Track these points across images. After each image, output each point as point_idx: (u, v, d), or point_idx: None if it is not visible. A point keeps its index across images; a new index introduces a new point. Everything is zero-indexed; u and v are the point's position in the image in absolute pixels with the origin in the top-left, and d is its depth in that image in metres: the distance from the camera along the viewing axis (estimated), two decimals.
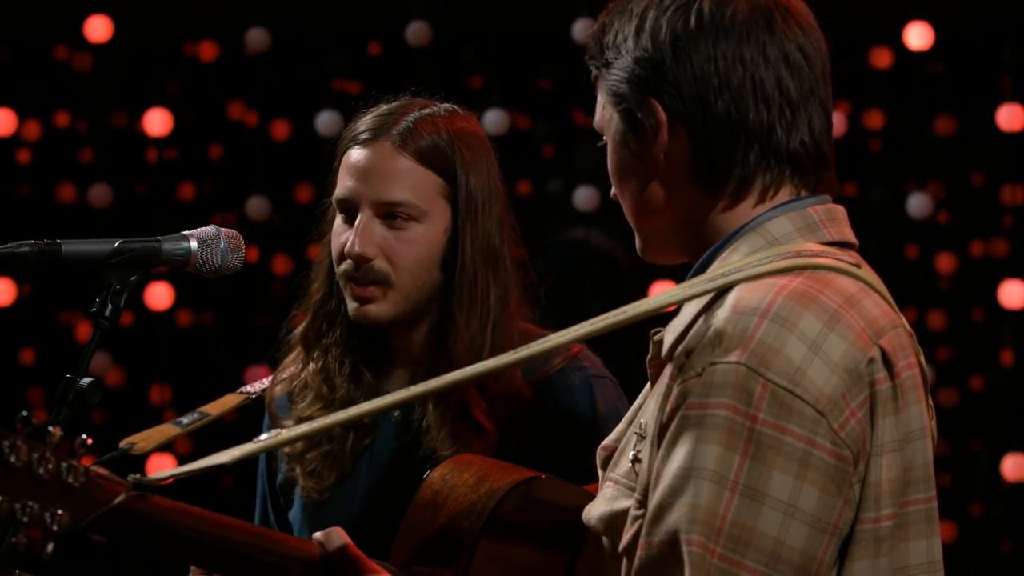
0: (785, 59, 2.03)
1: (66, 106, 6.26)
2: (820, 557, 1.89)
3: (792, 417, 1.88)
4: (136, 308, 5.86)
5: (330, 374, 2.76)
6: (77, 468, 1.94)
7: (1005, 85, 5.74)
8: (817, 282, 1.95)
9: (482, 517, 2.31)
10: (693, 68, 2.02)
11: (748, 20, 2.03)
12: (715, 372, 1.89)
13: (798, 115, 2.03)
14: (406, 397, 2.10)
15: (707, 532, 1.86)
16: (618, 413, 2.69)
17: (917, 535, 1.97)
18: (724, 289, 1.96)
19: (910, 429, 1.96)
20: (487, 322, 2.70)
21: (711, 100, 2.02)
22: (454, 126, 2.74)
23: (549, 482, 2.39)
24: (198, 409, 2.67)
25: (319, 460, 2.74)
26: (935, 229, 5.86)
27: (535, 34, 6.05)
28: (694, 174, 2.04)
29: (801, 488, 1.88)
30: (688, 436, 1.89)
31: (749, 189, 2.03)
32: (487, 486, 2.35)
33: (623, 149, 2.07)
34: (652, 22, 2.04)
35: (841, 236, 2.05)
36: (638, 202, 2.08)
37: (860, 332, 1.93)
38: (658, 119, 2.03)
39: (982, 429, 5.95)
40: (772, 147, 2.03)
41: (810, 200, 2.05)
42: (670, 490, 1.89)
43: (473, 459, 2.44)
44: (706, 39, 2.02)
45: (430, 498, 2.37)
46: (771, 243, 2.01)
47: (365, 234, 2.69)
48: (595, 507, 2.05)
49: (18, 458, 1.88)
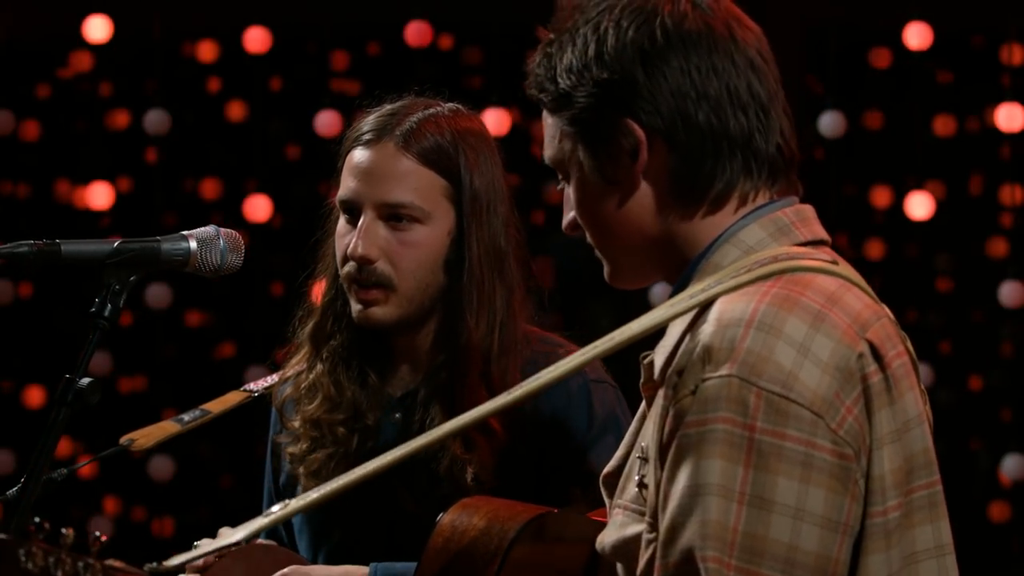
0: (751, 64, 2.03)
1: (66, 106, 6.26)
2: (835, 557, 1.90)
3: (789, 422, 1.88)
4: (136, 308, 5.87)
5: (338, 376, 2.75)
6: (93, 566, 1.94)
7: (1004, 85, 5.74)
8: (797, 284, 1.95)
9: (497, 560, 2.31)
10: (668, 82, 2.01)
11: (710, 30, 2.02)
12: (708, 388, 1.89)
13: (770, 119, 2.04)
14: (433, 439, 2.08)
15: (720, 547, 1.87)
16: (616, 418, 2.69)
17: (922, 520, 1.97)
18: (706, 304, 1.95)
19: (907, 418, 1.97)
20: (495, 323, 2.69)
21: (691, 112, 2.01)
22: (458, 126, 2.73)
23: (559, 516, 2.40)
24: (200, 407, 2.67)
25: (323, 461, 2.73)
26: (935, 229, 5.86)
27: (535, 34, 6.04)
28: (675, 189, 2.02)
29: (807, 491, 1.88)
30: (690, 455, 1.89)
31: (729, 198, 2.03)
32: (498, 528, 2.35)
33: (594, 176, 2.05)
34: (613, 43, 2.01)
35: (813, 235, 2.05)
36: (611, 228, 2.06)
37: (846, 329, 1.94)
38: (637, 138, 2.01)
39: (982, 429, 5.95)
40: (752, 153, 2.03)
41: (778, 204, 2.05)
42: (679, 510, 1.89)
43: (480, 501, 2.44)
44: (675, 53, 2.01)
45: (442, 545, 2.37)
46: (746, 252, 2.01)
47: (368, 236, 2.68)
48: (607, 535, 2.05)
49: (35, 564, 1.88)
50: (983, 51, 5.92)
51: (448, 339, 2.70)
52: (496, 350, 2.67)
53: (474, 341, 2.66)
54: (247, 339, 6.07)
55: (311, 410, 2.74)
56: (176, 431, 2.61)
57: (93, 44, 5.92)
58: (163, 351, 6.10)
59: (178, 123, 5.88)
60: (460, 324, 2.66)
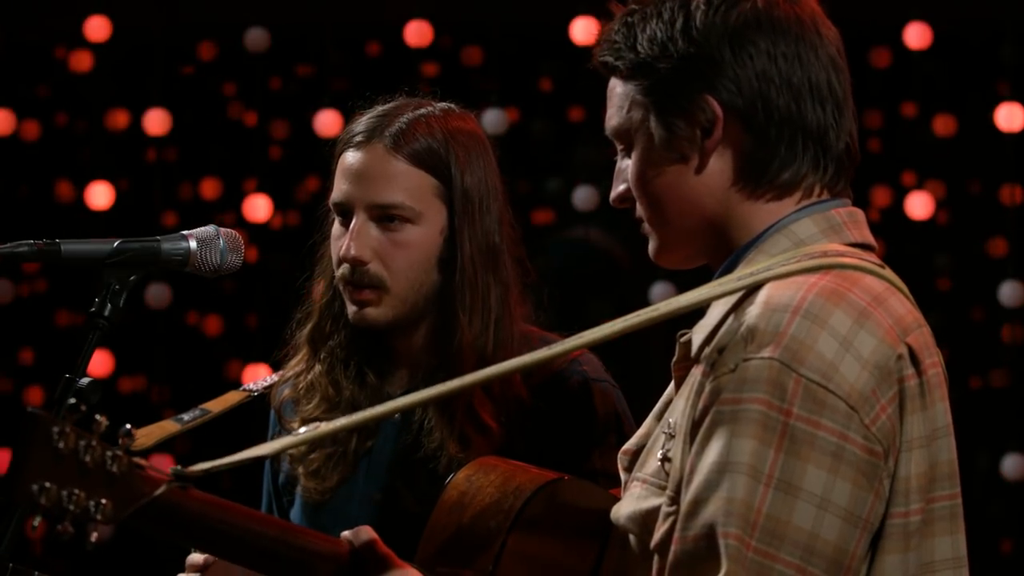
0: (832, 62, 2.06)
1: (66, 106, 6.26)
2: (852, 551, 1.91)
3: (825, 412, 1.90)
4: (136, 308, 5.86)
5: (336, 376, 2.76)
6: (120, 458, 1.94)
7: (1004, 85, 5.74)
8: (846, 280, 1.97)
9: (510, 517, 2.31)
10: (754, 64, 2.02)
11: (799, 21, 2.04)
12: (748, 368, 1.91)
13: (844, 117, 2.06)
14: (418, 400, 2.11)
15: (743, 525, 1.88)
16: (616, 416, 2.70)
17: (943, 531, 1.99)
18: (753, 288, 1.97)
19: (936, 426, 1.99)
20: (489, 321, 2.70)
21: (772, 96, 2.02)
22: (448, 125, 2.73)
23: (574, 483, 2.40)
24: (200, 406, 2.67)
25: (322, 461, 2.74)
26: (935, 229, 5.86)
27: (535, 34, 6.05)
28: (743, 172, 2.04)
29: (834, 482, 1.89)
30: (722, 431, 1.91)
31: (794, 188, 2.04)
32: (513, 486, 2.35)
33: (662, 148, 2.05)
34: (703, 19, 2.03)
35: (863, 238, 2.07)
36: (667, 202, 2.07)
37: (889, 329, 1.95)
38: (714, 114, 2.02)
39: (982, 429, 5.95)
40: (824, 148, 2.04)
41: (832, 203, 2.06)
42: (705, 484, 1.91)
43: (497, 461, 2.45)
44: (764, 36, 2.02)
45: (456, 499, 2.37)
46: (797, 244, 2.02)
47: (359, 238, 2.69)
48: (623, 506, 2.06)
49: (66, 445, 1.89)
50: (983, 51, 5.92)
51: (444, 338, 2.70)
52: (491, 347, 2.68)
53: (468, 339, 2.67)
54: (247, 339, 6.07)
55: (309, 410, 2.75)
56: (176, 430, 2.62)
57: (93, 44, 5.92)
58: (163, 351, 6.10)
59: (178, 123, 5.87)
60: (454, 323, 2.67)
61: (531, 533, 2.32)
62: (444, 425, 2.67)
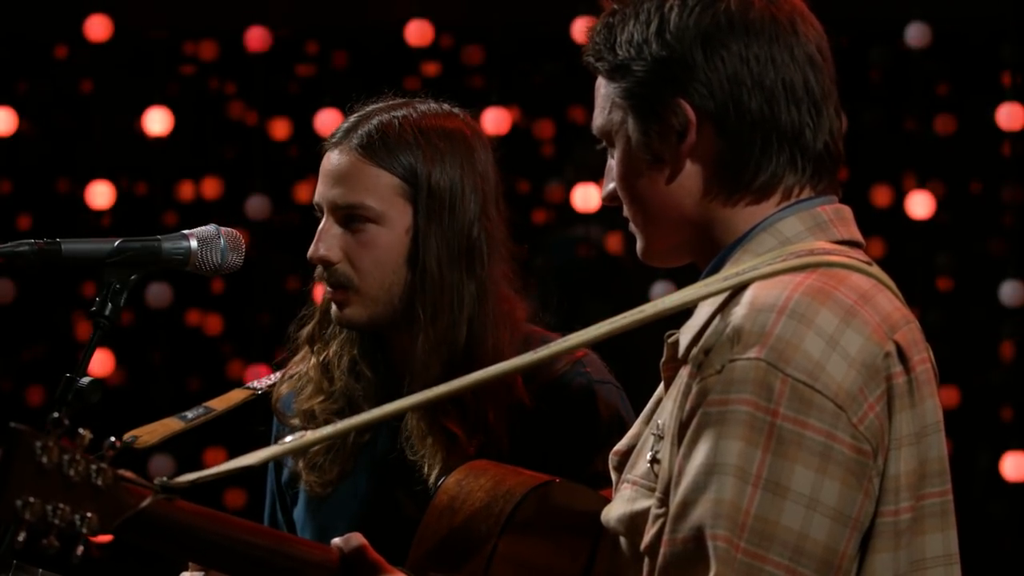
0: (810, 60, 2.04)
1: (66, 106, 6.26)
2: (842, 550, 1.91)
3: (812, 411, 1.89)
4: (136, 308, 5.87)
5: (329, 367, 2.77)
6: (105, 471, 1.95)
7: (1004, 84, 5.74)
8: (832, 279, 1.96)
9: (500, 521, 2.31)
10: (726, 67, 2.02)
11: (774, 21, 2.03)
12: (735, 368, 1.90)
13: (822, 116, 2.05)
14: (399, 407, 2.11)
15: (732, 527, 1.88)
16: (620, 418, 2.69)
17: (933, 528, 1.98)
18: (739, 288, 1.97)
19: (925, 423, 1.98)
20: (459, 319, 2.69)
21: (744, 99, 2.01)
22: (422, 124, 2.73)
23: (564, 486, 2.40)
24: (203, 404, 2.67)
25: (321, 454, 2.75)
26: (935, 229, 5.86)
27: (535, 34, 6.05)
28: (719, 174, 2.03)
29: (822, 482, 1.89)
30: (710, 432, 1.90)
31: (772, 190, 2.04)
32: (504, 490, 2.35)
33: (640, 150, 2.06)
34: (676, 21, 2.03)
35: (850, 235, 2.06)
36: (649, 204, 2.07)
37: (876, 327, 1.95)
38: (687, 118, 2.02)
39: (982, 429, 5.95)
40: (801, 148, 2.04)
41: (818, 200, 2.06)
42: (693, 486, 1.90)
43: (488, 465, 2.44)
44: (737, 39, 2.02)
45: (446, 504, 2.37)
46: (783, 242, 2.02)
47: (325, 238, 2.71)
48: (613, 508, 2.06)
49: (49, 459, 1.89)
50: (983, 50, 5.92)
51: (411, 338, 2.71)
52: (461, 345, 2.67)
53: (431, 338, 2.67)
54: (248, 338, 6.07)
55: (303, 401, 2.76)
56: (179, 428, 2.62)
57: (93, 44, 5.92)
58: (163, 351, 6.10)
59: (178, 123, 5.88)
60: (415, 322, 2.68)
61: (522, 536, 2.32)
62: (420, 432, 2.68)
